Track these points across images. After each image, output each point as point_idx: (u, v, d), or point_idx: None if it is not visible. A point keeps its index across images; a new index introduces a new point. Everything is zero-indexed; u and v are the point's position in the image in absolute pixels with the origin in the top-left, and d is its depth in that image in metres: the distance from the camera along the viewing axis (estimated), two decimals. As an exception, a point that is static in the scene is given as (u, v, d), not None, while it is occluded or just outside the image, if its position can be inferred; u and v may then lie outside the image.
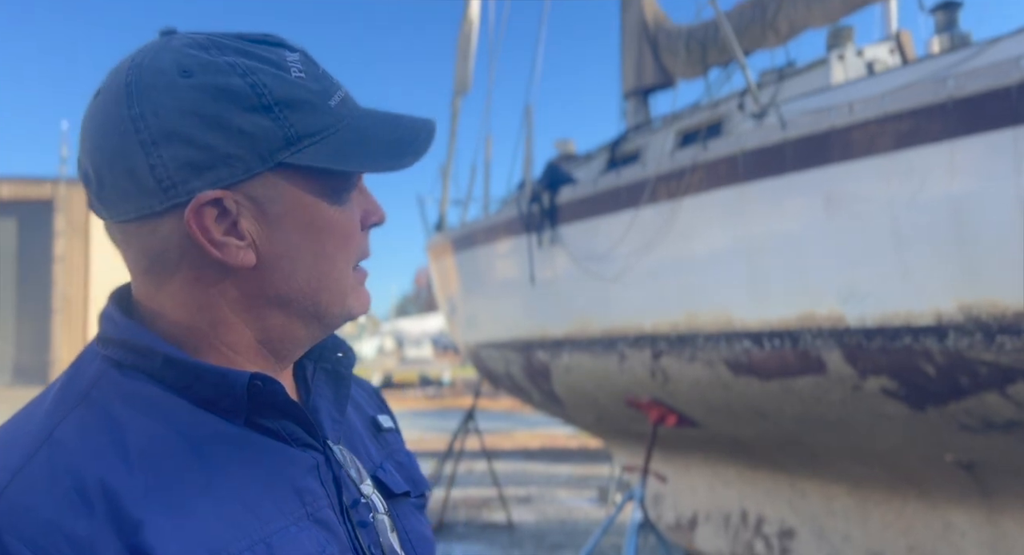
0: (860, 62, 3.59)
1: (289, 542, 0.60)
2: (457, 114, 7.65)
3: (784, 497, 4.30)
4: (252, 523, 0.59)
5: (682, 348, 3.57)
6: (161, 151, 0.61)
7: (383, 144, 0.67)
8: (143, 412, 0.61)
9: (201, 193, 0.61)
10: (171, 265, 0.64)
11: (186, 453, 0.60)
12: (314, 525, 0.63)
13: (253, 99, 0.62)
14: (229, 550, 0.57)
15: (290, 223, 0.64)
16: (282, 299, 0.66)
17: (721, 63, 5.08)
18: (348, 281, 0.69)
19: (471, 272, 5.60)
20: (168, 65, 0.62)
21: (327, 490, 0.66)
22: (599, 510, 6.72)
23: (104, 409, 0.60)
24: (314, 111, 0.64)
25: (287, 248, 0.65)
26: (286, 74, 0.64)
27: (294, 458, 0.65)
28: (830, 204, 2.96)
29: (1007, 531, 3.50)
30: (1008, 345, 2.60)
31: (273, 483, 0.62)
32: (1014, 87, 2.47)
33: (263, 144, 0.62)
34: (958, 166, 2.62)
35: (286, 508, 0.62)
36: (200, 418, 0.62)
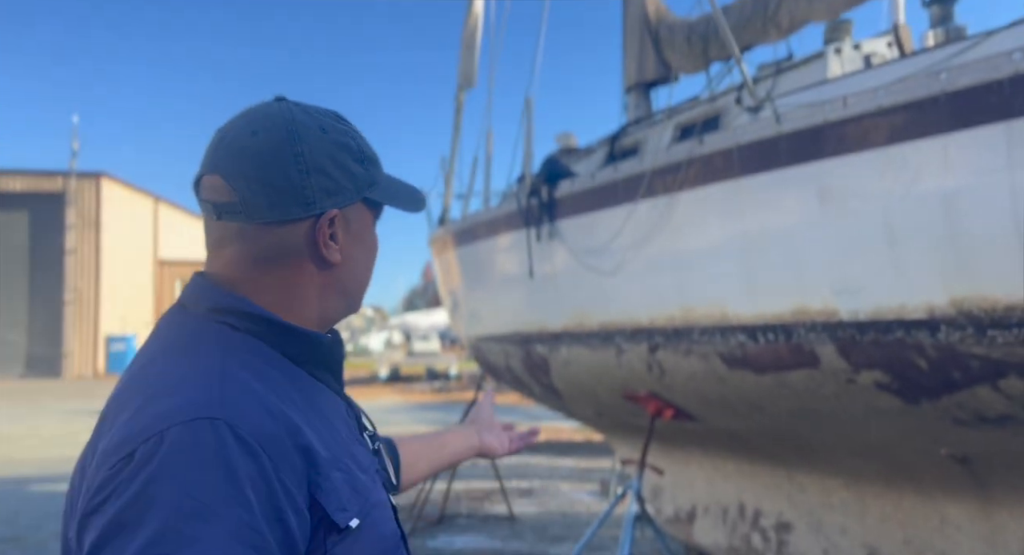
0: (857, 56, 3.59)
1: (358, 452, 0.90)
2: (461, 108, 7.65)
3: (782, 491, 4.31)
4: (339, 438, 0.87)
5: (678, 342, 3.58)
6: (312, 179, 0.89)
7: (406, 192, 1.02)
8: (264, 362, 0.86)
9: (331, 210, 0.91)
10: (288, 256, 0.91)
11: (295, 390, 0.86)
12: (360, 445, 0.93)
13: (358, 153, 0.95)
14: (336, 454, 0.83)
15: (359, 237, 0.96)
16: (345, 288, 0.96)
17: (722, 57, 5.07)
18: (368, 283, 1.01)
19: (472, 266, 5.63)
20: (311, 123, 0.92)
21: (351, 425, 0.95)
22: (600, 503, 6.75)
23: (243, 357, 0.84)
24: (376, 165, 0.99)
25: (356, 253, 0.96)
26: (363, 143, 0.98)
27: (336, 400, 0.94)
28: (824, 198, 2.97)
29: (1003, 524, 3.51)
30: (999, 339, 2.60)
31: (336, 414, 0.92)
32: (1006, 80, 2.46)
33: (360, 182, 0.94)
34: (951, 160, 2.62)
35: (348, 431, 0.92)
36: (289, 366, 0.88)
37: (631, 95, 5.58)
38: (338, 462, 0.82)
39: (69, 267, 26.82)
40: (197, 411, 0.74)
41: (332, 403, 0.92)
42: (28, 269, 27.13)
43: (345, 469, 0.83)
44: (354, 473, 0.84)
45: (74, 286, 27.19)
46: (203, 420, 0.74)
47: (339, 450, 0.84)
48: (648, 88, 5.59)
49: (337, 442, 0.85)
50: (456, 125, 7.60)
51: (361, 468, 0.87)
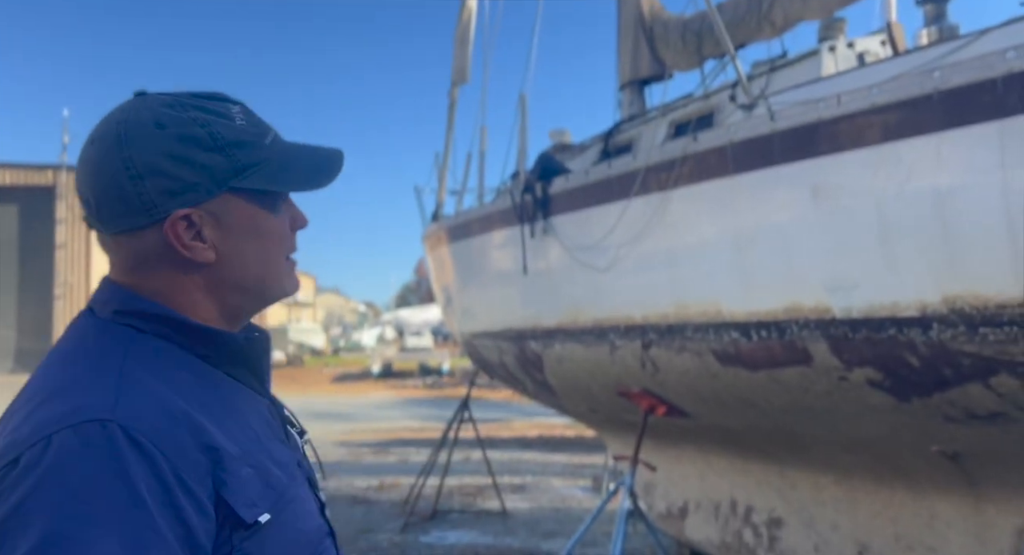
0: (851, 54, 3.60)
1: (277, 451, 0.88)
2: (455, 104, 7.64)
3: (774, 487, 4.33)
4: (255, 436, 0.86)
5: (671, 338, 3.59)
6: (146, 182, 0.85)
7: (304, 170, 0.94)
8: (169, 361, 0.84)
9: (176, 211, 0.85)
10: (152, 262, 0.88)
11: (206, 389, 0.84)
12: (280, 443, 0.91)
13: (210, 143, 0.87)
14: (251, 451, 0.82)
15: (239, 230, 0.90)
16: (237, 285, 0.92)
17: (716, 55, 5.08)
18: (282, 269, 0.95)
19: (465, 262, 5.62)
20: (147, 120, 0.86)
21: (275, 423, 0.94)
22: (593, 498, 6.77)
23: (146, 359, 0.82)
24: (253, 148, 0.90)
25: (239, 248, 0.90)
26: (231, 123, 0.90)
27: (256, 399, 0.93)
28: (818, 196, 2.98)
29: (992, 520, 3.54)
30: (991, 337, 2.62)
31: (254, 412, 0.90)
32: (1000, 79, 2.47)
33: (218, 174, 0.87)
34: (944, 159, 2.63)
35: (266, 429, 0.90)
36: (203, 366, 0.87)
37: (625, 92, 5.58)
38: (249, 458, 0.81)
39: (59, 261, 26.66)
40: (87, 414, 0.72)
41: (250, 402, 0.91)
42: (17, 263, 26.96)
43: (257, 465, 0.81)
44: (268, 469, 0.83)
45: (64, 280, 27.03)
46: (93, 423, 0.72)
47: (252, 447, 0.83)
48: (642, 85, 5.59)
49: (251, 439, 0.84)
50: (449, 121, 7.59)
51: (278, 464, 0.85)
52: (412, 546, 5.48)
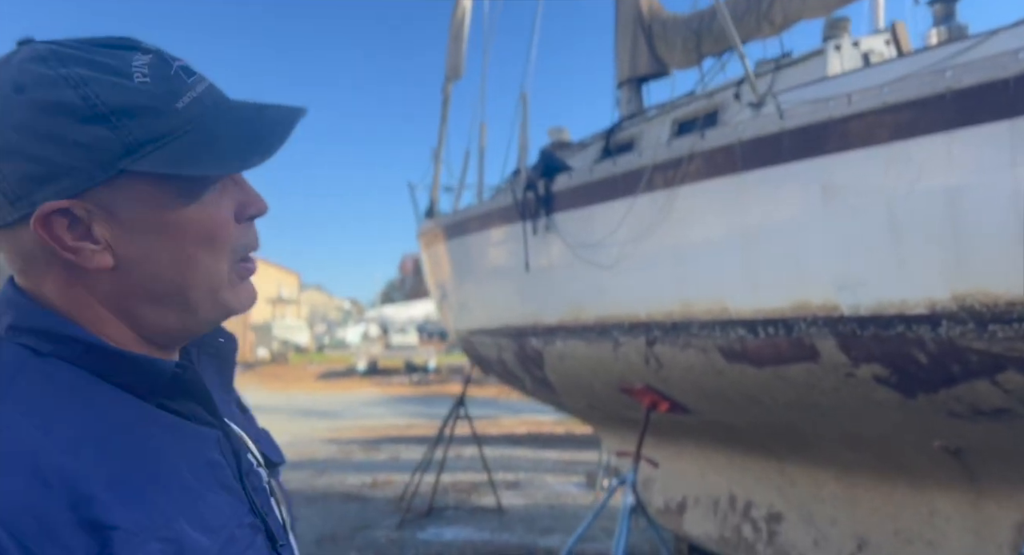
0: (856, 53, 3.62)
1: (210, 507, 0.67)
2: (448, 100, 7.62)
3: (773, 483, 4.36)
4: (180, 492, 0.66)
5: (676, 335, 3.60)
6: (2, 166, 0.64)
7: (232, 143, 0.68)
8: (70, 397, 0.64)
9: (44, 204, 0.64)
10: (42, 267, 0.68)
11: (116, 433, 0.64)
12: (224, 492, 0.71)
13: (86, 111, 0.64)
14: (166, 516, 0.63)
15: (144, 226, 0.68)
16: (150, 297, 0.70)
17: (715, 53, 5.10)
18: (220, 278, 0.72)
19: (464, 259, 5.60)
20: (4, 83, 0.65)
21: (228, 461, 0.73)
22: (587, 495, 6.79)
23: (34, 396, 0.63)
24: (156, 116, 0.66)
25: (146, 249, 0.68)
26: (126, 81, 0.66)
27: (201, 434, 0.72)
28: (827, 194, 2.99)
29: (992, 516, 3.58)
30: (1000, 334, 2.65)
31: (189, 457, 0.69)
32: (1012, 79, 2.50)
33: (102, 154, 0.64)
34: (955, 157, 2.65)
35: (202, 478, 0.69)
36: (121, 401, 0.67)
37: (623, 90, 5.59)
38: (159, 529, 0.61)
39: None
40: None
41: (187, 442, 0.70)
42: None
43: (170, 538, 0.62)
44: (186, 540, 0.63)
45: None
46: None
47: (170, 510, 0.63)
48: (640, 83, 5.60)
49: (172, 500, 0.64)
50: (443, 117, 7.56)
51: (207, 528, 0.65)
52: (409, 542, 5.46)
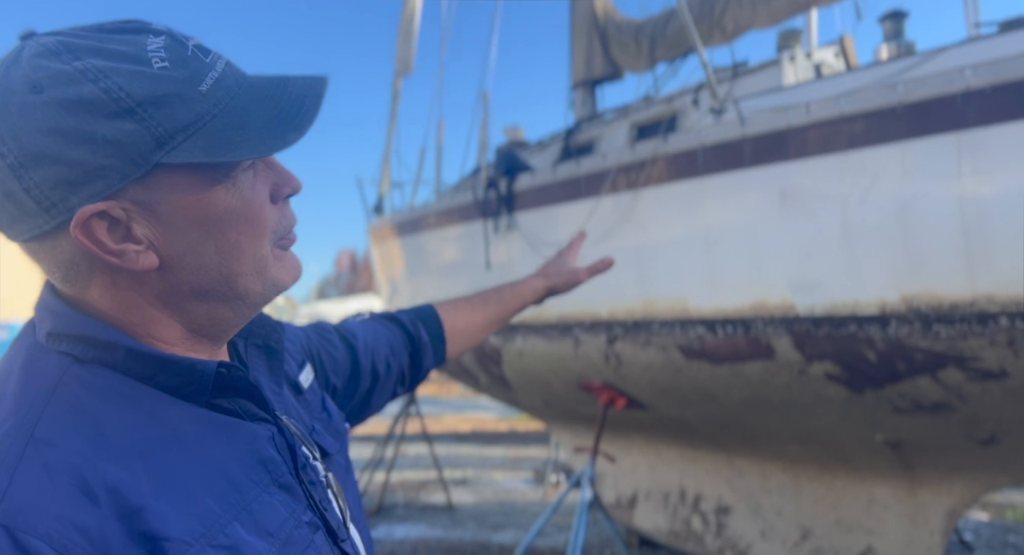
0: (809, 64, 3.78)
1: (266, 508, 0.66)
2: (398, 95, 7.57)
3: (722, 475, 4.52)
4: (233, 495, 0.63)
5: (637, 333, 3.69)
6: (31, 173, 0.60)
7: (263, 124, 0.65)
8: (115, 403, 0.62)
9: (81, 209, 0.61)
10: (84, 274, 0.66)
11: (165, 438, 0.62)
12: (280, 490, 0.69)
13: (111, 105, 0.60)
14: (220, 522, 0.61)
15: (183, 220, 0.65)
16: (199, 291, 0.68)
17: (669, 58, 5.24)
18: (265, 259, 0.70)
19: (419, 256, 5.59)
20: (18, 83, 0.60)
21: (283, 457, 0.71)
22: (536, 491, 6.86)
23: (77, 404, 0.61)
24: (183, 103, 0.63)
25: (188, 243, 0.66)
26: (146, 68, 0.62)
27: (253, 432, 0.70)
28: (785, 198, 3.13)
29: (925, 503, 3.81)
30: (943, 333, 2.83)
31: (242, 457, 0.67)
32: (959, 95, 2.67)
33: (133, 149, 0.61)
34: (906, 166, 2.82)
35: (256, 478, 0.67)
36: (167, 404, 0.65)
37: (578, 91, 5.67)
38: (214, 536, 0.60)
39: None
40: None
41: (238, 441, 0.68)
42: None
43: (226, 544, 0.60)
44: (242, 547, 0.61)
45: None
46: None
47: (224, 515, 0.61)
48: (594, 85, 5.70)
49: (224, 504, 0.62)
50: (393, 113, 7.52)
51: (263, 532, 0.64)
52: (360, 542, 5.41)
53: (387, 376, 1.13)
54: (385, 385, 1.13)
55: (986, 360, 2.77)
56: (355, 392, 1.08)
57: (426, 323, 1.21)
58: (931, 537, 3.75)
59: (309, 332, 1.05)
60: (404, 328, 1.18)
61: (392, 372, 1.14)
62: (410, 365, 1.19)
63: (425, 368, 1.20)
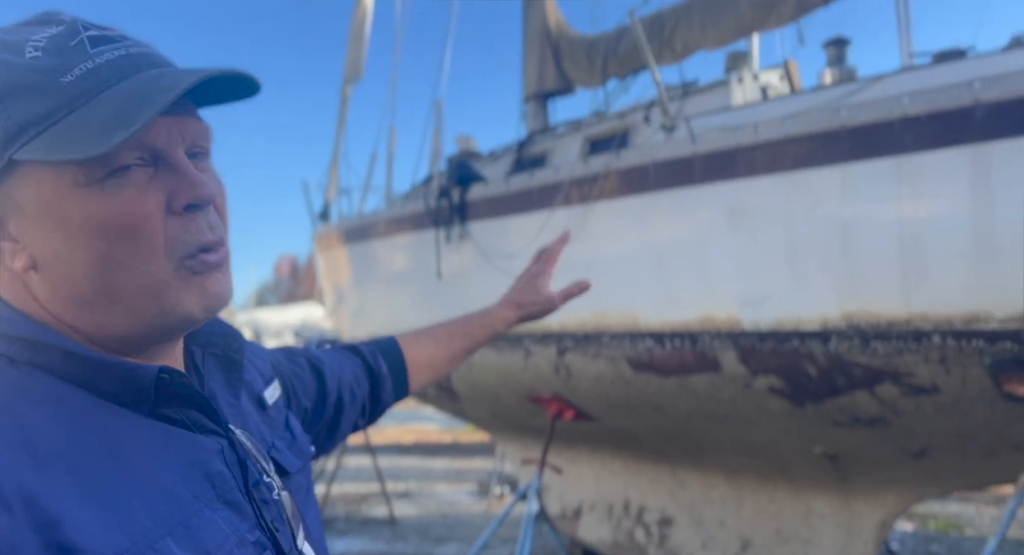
0: (756, 86, 3.90)
1: (206, 525, 0.62)
2: (347, 101, 7.49)
3: (666, 487, 4.58)
4: (169, 509, 0.60)
5: (587, 345, 3.72)
6: None
7: (107, 120, 0.58)
8: (47, 409, 0.59)
9: None
10: None
11: (97, 446, 0.59)
12: (225, 507, 0.65)
13: None
14: (149, 536, 0.57)
15: (49, 222, 0.61)
16: (78, 300, 0.63)
17: (620, 75, 5.33)
18: (157, 278, 0.63)
19: (367, 264, 5.52)
20: None
21: (233, 472, 0.68)
22: (480, 503, 6.83)
23: (5, 409, 0.57)
24: (40, 94, 0.59)
25: (55, 249, 0.61)
26: (15, 58, 0.60)
27: (200, 444, 0.66)
28: (733, 216, 3.21)
29: (859, 514, 3.94)
30: (880, 349, 2.93)
31: (184, 469, 0.63)
32: (897, 121, 2.79)
33: (5, 139, 0.59)
34: (847, 188, 2.92)
35: (199, 492, 0.63)
36: (105, 411, 0.61)
37: (530, 104, 5.72)
38: (140, 553, 0.56)
39: None
40: None
41: (181, 454, 0.64)
42: None
43: None
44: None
45: None
46: None
47: (156, 531, 0.57)
48: (546, 98, 5.75)
49: (159, 518, 0.58)
50: (341, 118, 7.44)
51: (198, 548, 0.60)
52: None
53: (351, 404, 1.10)
54: (349, 413, 1.10)
55: (920, 376, 2.89)
56: (320, 418, 1.05)
57: (387, 356, 1.18)
58: (864, 547, 3.88)
59: (278, 354, 1.02)
60: (364, 360, 1.16)
61: (356, 401, 1.12)
62: (370, 397, 1.16)
63: (384, 401, 1.17)
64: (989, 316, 2.63)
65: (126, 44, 0.63)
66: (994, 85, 2.56)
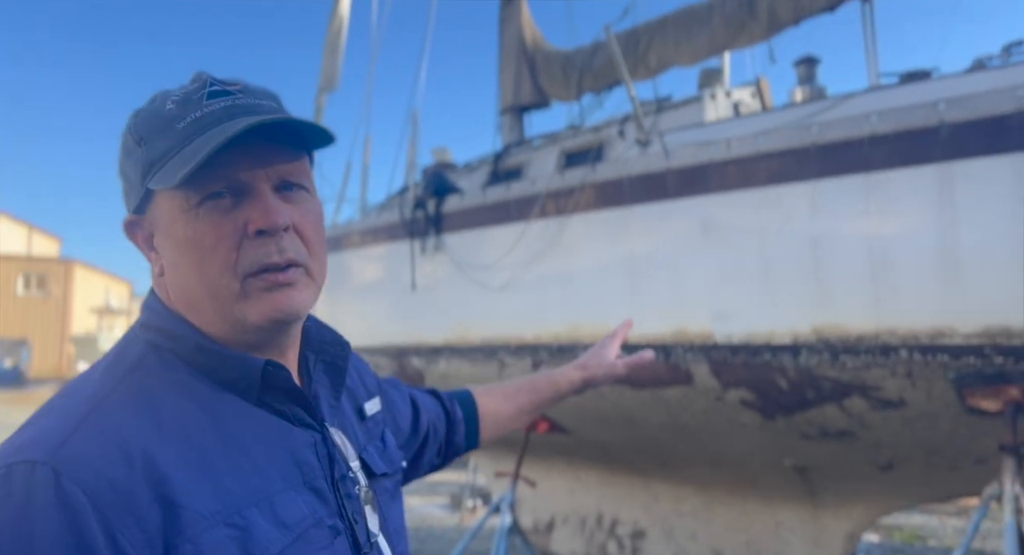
0: (728, 102, 3.96)
1: (288, 503, 0.73)
2: (322, 110, 7.47)
3: (639, 499, 4.59)
4: (259, 484, 0.72)
5: (562, 358, 3.72)
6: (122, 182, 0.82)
7: (187, 158, 0.73)
8: (176, 390, 0.73)
9: (128, 215, 0.82)
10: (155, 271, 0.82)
11: (209, 426, 0.72)
12: (309, 491, 0.76)
13: (133, 135, 0.78)
14: (239, 504, 0.69)
15: (167, 240, 0.78)
16: (185, 302, 0.79)
17: (595, 89, 5.38)
18: (224, 291, 0.76)
19: (340, 275, 5.48)
20: None
21: (321, 464, 0.79)
22: (452, 516, 6.78)
23: (144, 386, 0.73)
24: (163, 137, 0.76)
25: (170, 261, 0.78)
26: (160, 108, 0.78)
27: (296, 435, 0.78)
28: (706, 230, 3.25)
29: (827, 526, 3.98)
30: (848, 363, 2.98)
31: (278, 454, 0.75)
32: (866, 139, 2.85)
33: (139, 172, 0.78)
34: (817, 204, 2.98)
35: (287, 475, 0.75)
36: (222, 396, 0.75)
37: (506, 117, 5.74)
38: (231, 516, 0.68)
39: None
40: (27, 452, 0.65)
41: (278, 440, 0.76)
42: None
43: (240, 524, 0.68)
44: (255, 529, 0.69)
45: None
46: (24, 464, 0.64)
47: (246, 500, 0.69)
48: (522, 111, 5.78)
49: (249, 491, 0.70)
50: (316, 128, 7.39)
51: (279, 522, 0.71)
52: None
53: (434, 440, 1.17)
54: (431, 448, 1.17)
55: (887, 390, 2.93)
56: (411, 445, 1.12)
57: (461, 403, 1.25)
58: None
59: (383, 380, 1.13)
60: (442, 402, 1.23)
61: (437, 438, 1.18)
62: (445, 439, 1.22)
63: (456, 444, 1.23)
64: (954, 331, 2.68)
65: (237, 97, 0.77)
66: (958, 106, 2.63)
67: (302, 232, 0.79)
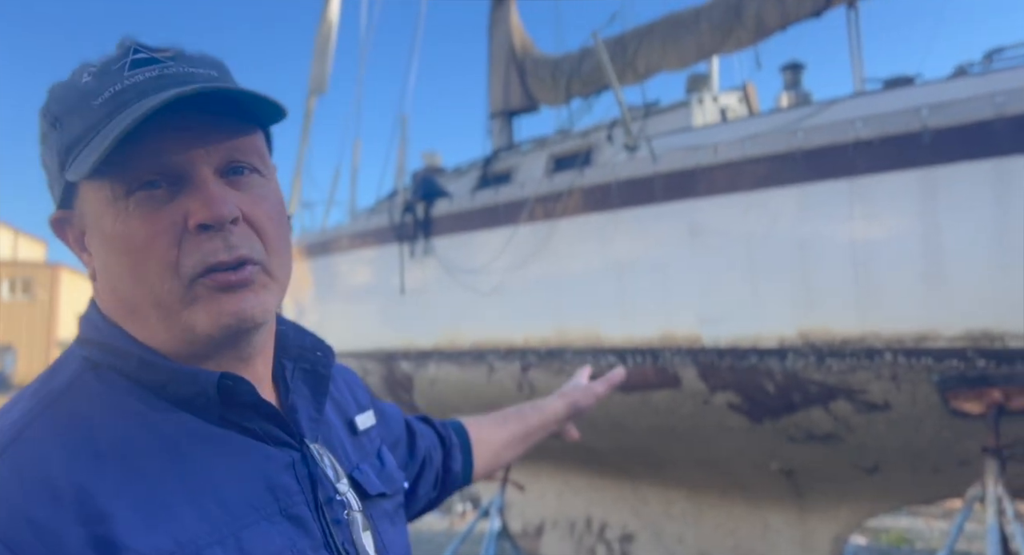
0: (715, 107, 3.99)
1: (259, 537, 0.61)
2: (311, 114, 7.46)
3: (627, 503, 4.60)
4: (223, 517, 0.60)
5: (551, 362, 3.74)
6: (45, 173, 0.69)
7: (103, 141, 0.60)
8: (116, 413, 0.61)
9: (56, 211, 0.68)
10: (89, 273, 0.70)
11: (159, 450, 0.60)
12: (286, 521, 0.64)
13: (47, 116, 0.65)
14: (197, 543, 0.58)
15: (93, 238, 0.66)
16: (120, 310, 0.66)
17: (584, 94, 5.41)
18: (167, 295, 0.63)
19: (328, 279, 5.48)
20: None
21: (302, 487, 0.67)
22: (442, 520, 6.76)
23: (76, 409, 0.61)
24: (79, 117, 0.63)
25: (103, 260, 0.65)
26: (75, 80, 0.64)
27: (269, 455, 0.66)
28: (693, 234, 3.27)
29: (814, 529, 4.01)
30: (835, 367, 3.01)
31: (246, 479, 0.63)
32: (851, 145, 2.88)
33: (58, 161, 0.65)
34: (803, 208, 3.00)
35: (258, 503, 0.63)
36: (176, 417, 0.63)
37: (495, 121, 5.76)
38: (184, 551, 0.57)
39: None
40: None
41: (245, 463, 0.64)
42: None
43: None
44: None
45: None
46: None
47: (204, 538, 0.58)
48: (511, 116, 5.80)
49: (209, 525, 0.59)
50: (304, 132, 7.39)
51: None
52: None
53: (430, 467, 1.09)
54: (428, 476, 1.07)
55: (872, 393, 2.96)
56: (410, 471, 1.04)
57: (455, 431, 1.18)
58: (820, 562, 3.94)
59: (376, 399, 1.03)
60: (435, 428, 1.15)
61: (433, 465, 1.10)
62: (442, 466, 1.14)
63: (455, 473, 1.15)
64: (937, 335, 2.71)
65: (167, 65, 0.64)
66: (940, 112, 2.67)
67: (256, 223, 0.66)
